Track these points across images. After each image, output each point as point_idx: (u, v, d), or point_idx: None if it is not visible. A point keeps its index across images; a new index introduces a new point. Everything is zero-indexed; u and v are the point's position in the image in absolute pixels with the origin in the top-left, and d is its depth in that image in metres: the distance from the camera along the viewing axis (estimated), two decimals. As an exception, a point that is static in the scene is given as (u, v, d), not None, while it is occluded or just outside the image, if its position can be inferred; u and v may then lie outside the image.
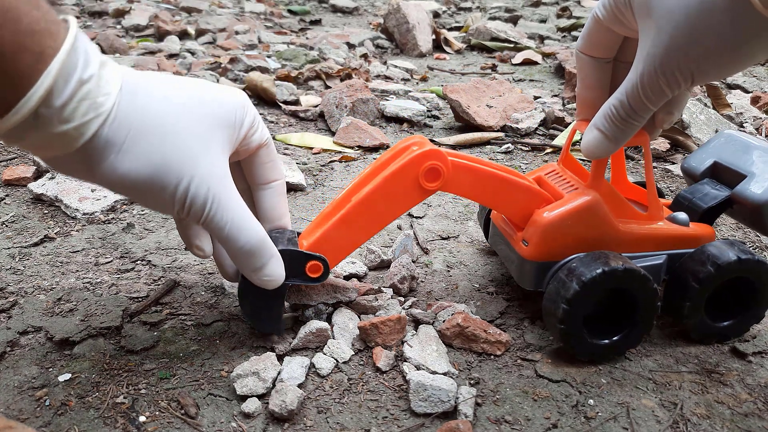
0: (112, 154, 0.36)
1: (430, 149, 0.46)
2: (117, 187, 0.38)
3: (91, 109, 0.35)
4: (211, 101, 0.41)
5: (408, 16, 1.77)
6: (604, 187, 0.49)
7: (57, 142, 0.35)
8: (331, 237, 0.47)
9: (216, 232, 0.41)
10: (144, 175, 0.37)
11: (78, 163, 0.37)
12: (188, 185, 0.38)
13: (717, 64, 0.38)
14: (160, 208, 0.40)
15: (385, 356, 0.46)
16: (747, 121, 1.10)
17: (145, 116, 0.37)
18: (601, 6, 0.44)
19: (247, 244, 0.41)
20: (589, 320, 0.46)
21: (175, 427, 0.41)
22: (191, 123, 0.39)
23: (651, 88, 0.40)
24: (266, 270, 0.43)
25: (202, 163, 0.39)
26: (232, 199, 0.40)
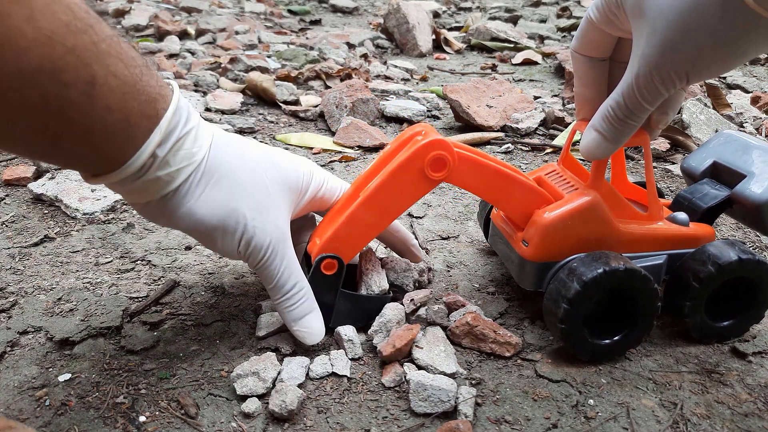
0: (192, 200, 0.42)
1: (435, 139, 0.46)
2: (190, 229, 0.43)
3: (185, 159, 0.40)
4: (282, 166, 0.47)
5: (408, 16, 1.77)
6: (604, 187, 0.49)
7: (151, 187, 0.40)
8: (342, 235, 0.47)
9: (266, 280, 0.46)
10: (216, 219, 0.42)
11: (161, 210, 0.42)
12: (253, 233, 0.43)
13: (711, 61, 0.38)
14: (224, 250, 0.44)
15: (393, 372, 0.45)
16: (747, 121, 1.10)
17: (226, 169, 0.43)
18: (594, 8, 0.44)
19: (291, 293, 0.46)
20: (590, 320, 0.46)
21: (175, 427, 0.41)
22: (263, 181, 0.45)
23: (647, 88, 0.40)
24: (305, 321, 0.46)
25: (267, 217, 0.44)
26: (288, 253, 0.45)
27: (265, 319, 0.50)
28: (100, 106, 0.35)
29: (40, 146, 0.36)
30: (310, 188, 0.49)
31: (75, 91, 0.33)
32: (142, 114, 0.37)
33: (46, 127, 0.34)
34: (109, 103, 0.35)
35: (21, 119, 0.33)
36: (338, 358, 0.47)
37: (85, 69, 0.33)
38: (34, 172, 0.78)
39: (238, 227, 0.43)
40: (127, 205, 0.73)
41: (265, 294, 0.56)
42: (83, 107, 0.34)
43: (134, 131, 0.37)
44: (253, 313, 0.53)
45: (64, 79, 0.32)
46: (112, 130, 0.36)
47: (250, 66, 1.36)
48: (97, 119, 0.35)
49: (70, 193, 0.72)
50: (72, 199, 0.71)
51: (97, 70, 0.34)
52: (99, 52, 0.34)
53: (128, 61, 0.36)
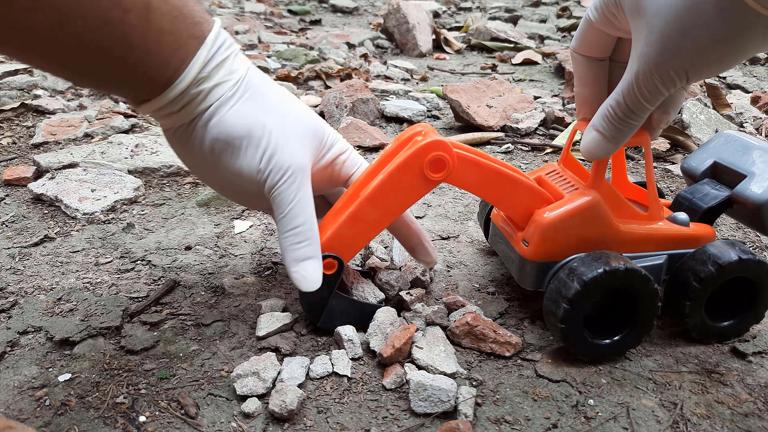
0: (224, 110, 0.44)
1: (434, 140, 0.46)
2: (217, 139, 0.44)
3: (226, 75, 0.43)
4: (312, 115, 0.49)
5: (408, 16, 1.77)
6: (604, 187, 0.49)
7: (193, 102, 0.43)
8: (341, 235, 0.47)
9: (278, 207, 0.45)
10: (244, 128, 0.44)
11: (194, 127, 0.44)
12: (276, 149, 0.44)
13: (710, 59, 0.38)
14: (245, 164, 0.45)
15: (394, 374, 0.45)
16: (747, 121, 1.10)
17: (262, 91, 0.45)
18: (593, 8, 0.44)
19: (299, 230, 0.45)
20: (590, 320, 0.46)
21: (175, 427, 0.41)
22: (294, 114, 0.47)
23: (647, 87, 0.40)
24: (306, 264, 0.46)
25: (293, 143, 0.45)
26: (305, 187, 0.45)
27: (265, 319, 0.50)
28: (155, 28, 0.38)
29: (104, 71, 0.39)
30: (334, 147, 0.50)
31: (134, 16, 0.37)
32: (190, 35, 0.41)
33: (111, 52, 0.38)
34: (163, 26, 0.39)
35: (88, 46, 0.37)
36: (338, 358, 0.47)
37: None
38: (34, 172, 0.78)
39: (263, 139, 0.44)
40: (127, 204, 0.73)
41: (265, 294, 0.56)
42: (142, 31, 0.38)
43: (183, 51, 0.41)
44: (253, 313, 0.53)
45: (124, 4, 0.36)
46: (167, 51, 0.40)
47: (250, 66, 1.35)
48: (153, 42, 0.39)
49: (70, 193, 0.72)
50: (72, 199, 0.71)
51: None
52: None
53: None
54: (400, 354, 0.46)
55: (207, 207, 0.73)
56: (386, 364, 0.46)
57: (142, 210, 0.72)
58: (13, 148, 0.89)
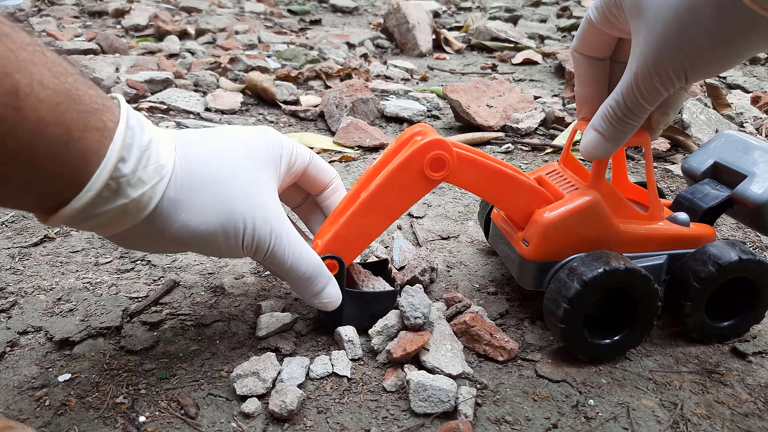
0: (182, 213, 0.39)
1: (434, 139, 0.46)
2: (190, 242, 0.40)
3: (156, 172, 0.37)
4: (250, 143, 0.44)
5: (408, 16, 1.77)
6: (604, 187, 0.49)
7: (129, 212, 0.37)
8: (342, 236, 0.47)
9: (278, 266, 0.44)
10: (214, 225, 0.40)
11: (147, 233, 0.39)
12: (254, 227, 0.41)
13: (709, 60, 0.38)
14: (229, 253, 0.43)
15: (395, 376, 0.45)
16: (747, 121, 1.10)
17: (201, 171, 0.40)
18: (593, 8, 0.44)
19: (307, 272, 0.44)
20: (590, 320, 0.46)
21: (175, 427, 0.40)
22: (242, 169, 0.42)
23: (646, 87, 0.40)
24: (325, 293, 0.46)
25: (261, 204, 0.42)
26: (291, 233, 0.44)
27: (265, 319, 0.50)
28: (32, 118, 0.31)
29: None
30: (282, 157, 0.46)
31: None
32: (87, 126, 0.34)
33: None
34: (42, 115, 0.31)
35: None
36: (338, 358, 0.47)
37: (4, 79, 0.30)
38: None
39: (238, 226, 0.41)
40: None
41: (265, 294, 0.56)
42: (13, 123, 0.30)
43: (83, 145, 0.33)
44: (253, 313, 0.53)
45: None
46: (55, 146, 0.32)
47: (250, 66, 1.36)
48: (34, 135, 0.31)
49: (70, 193, 0.72)
50: (72, 199, 0.71)
51: (19, 79, 0.30)
52: (19, 61, 0.30)
53: (57, 69, 0.33)
54: (407, 357, 0.46)
55: (207, 207, 0.73)
56: (393, 364, 0.46)
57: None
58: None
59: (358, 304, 0.49)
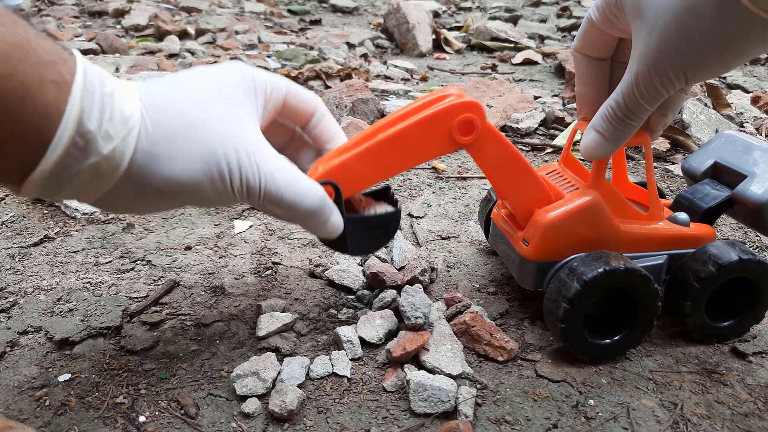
0: (161, 165, 0.36)
1: (470, 100, 0.44)
2: (178, 196, 0.37)
3: (123, 124, 0.34)
4: (221, 83, 0.40)
5: (408, 16, 1.77)
6: (604, 187, 0.49)
7: (104, 172, 0.34)
8: (350, 167, 0.44)
9: (277, 204, 0.40)
10: (197, 172, 0.37)
11: (130, 192, 0.36)
12: (239, 167, 0.37)
13: (709, 61, 0.38)
14: (222, 200, 0.39)
15: (395, 376, 0.45)
16: (747, 121, 1.10)
17: (173, 117, 0.37)
18: (594, 8, 0.44)
19: (311, 205, 0.41)
20: (590, 320, 0.46)
21: (175, 427, 0.40)
22: (216, 108, 0.38)
23: (646, 88, 0.40)
24: (330, 222, 0.42)
25: (243, 142, 0.38)
26: (282, 167, 0.40)
27: (265, 319, 0.50)
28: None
29: None
30: (257, 88, 0.42)
31: None
32: (43, 80, 0.31)
33: None
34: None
35: None
36: (338, 358, 0.47)
37: None
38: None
39: (222, 169, 0.37)
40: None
41: (265, 294, 0.56)
42: None
43: (41, 100, 0.31)
44: (253, 313, 0.53)
45: None
46: (11, 102, 0.30)
47: (250, 66, 1.35)
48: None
49: (70, 193, 0.72)
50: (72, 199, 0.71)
51: None
52: None
53: (5, 20, 0.31)
54: (407, 357, 0.46)
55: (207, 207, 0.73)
56: (392, 364, 0.46)
57: (142, 210, 0.72)
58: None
59: (361, 230, 0.45)
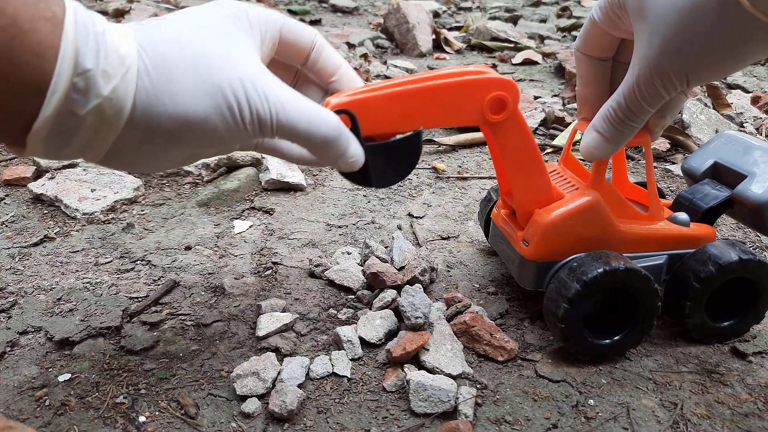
0: (166, 104, 0.34)
1: (509, 80, 0.43)
2: (189, 138, 0.35)
3: (120, 62, 0.32)
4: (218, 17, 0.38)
5: (408, 16, 1.77)
6: (604, 187, 0.49)
7: (108, 117, 0.32)
8: (370, 105, 0.42)
9: (292, 136, 0.38)
10: (205, 108, 0.35)
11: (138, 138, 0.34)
12: (247, 99, 0.36)
13: (710, 64, 0.38)
14: (235, 138, 0.37)
15: (395, 376, 0.45)
16: (747, 121, 1.10)
17: (172, 52, 0.35)
18: (597, 8, 0.44)
19: (327, 134, 0.38)
20: (590, 320, 0.46)
21: (175, 427, 0.40)
22: (217, 40, 0.37)
23: (647, 90, 0.40)
24: (349, 152, 0.40)
25: (250, 73, 0.36)
26: (293, 96, 0.38)
27: (265, 319, 0.50)
28: None
29: None
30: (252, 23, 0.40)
31: None
32: (35, 16, 0.30)
33: None
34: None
35: None
36: (338, 358, 0.47)
37: None
38: (34, 172, 0.78)
39: (230, 102, 0.35)
40: (126, 204, 0.73)
41: (265, 294, 0.56)
42: None
43: (35, 38, 0.30)
44: (253, 313, 0.53)
45: None
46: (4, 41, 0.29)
47: (250, 66, 1.35)
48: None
49: (70, 193, 0.72)
50: (72, 199, 0.71)
51: None
52: None
53: None
54: (407, 357, 0.46)
55: (207, 207, 0.73)
56: (392, 364, 0.46)
57: (142, 210, 0.72)
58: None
59: (383, 159, 0.43)
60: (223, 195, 0.75)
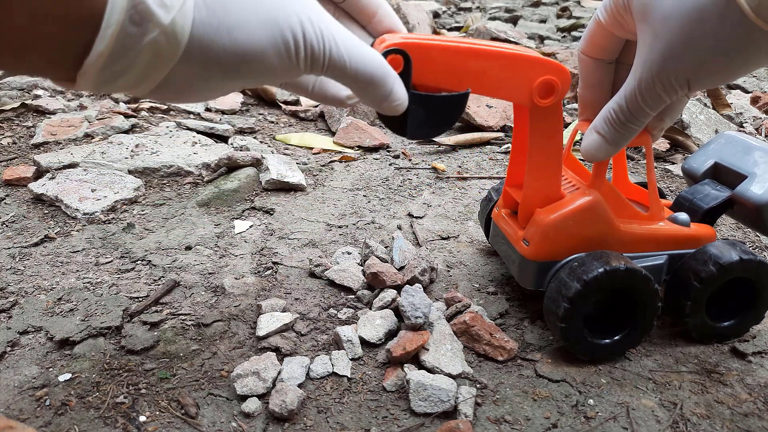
0: (223, 37, 0.33)
1: (564, 67, 0.43)
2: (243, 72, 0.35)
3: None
4: None
5: (408, 16, 1.77)
6: (605, 187, 0.49)
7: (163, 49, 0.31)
8: (429, 54, 0.41)
9: (339, 74, 0.38)
10: (262, 42, 0.34)
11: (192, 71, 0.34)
12: (303, 34, 0.35)
13: (712, 71, 0.38)
14: (286, 72, 0.37)
15: (395, 376, 0.45)
16: (747, 121, 1.10)
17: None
18: (602, 9, 0.44)
19: (374, 73, 0.38)
20: (590, 319, 0.46)
21: (175, 427, 0.41)
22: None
23: (649, 94, 0.40)
24: (394, 94, 0.39)
25: (304, 7, 0.36)
26: (344, 33, 0.37)
27: (265, 319, 0.50)
28: None
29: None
30: None
31: None
32: None
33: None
34: None
35: None
36: (338, 358, 0.47)
37: None
38: (34, 172, 0.78)
39: (287, 36, 0.35)
40: (127, 204, 0.73)
41: (265, 294, 0.56)
42: None
43: None
44: (253, 313, 0.53)
45: None
46: None
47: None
48: None
49: (71, 193, 0.72)
50: (72, 199, 0.71)
51: None
52: None
53: None
54: (407, 356, 0.46)
55: (207, 207, 0.73)
56: (392, 364, 0.46)
57: (142, 210, 0.72)
58: (14, 148, 0.88)
59: (426, 110, 0.42)
60: (223, 195, 0.75)
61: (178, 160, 0.82)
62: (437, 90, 0.43)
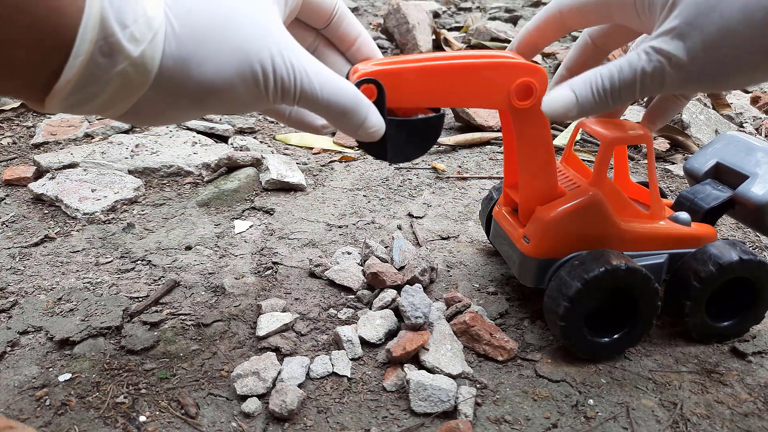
0: (193, 69, 0.34)
1: (540, 67, 0.43)
2: (211, 102, 0.36)
3: (147, 26, 0.31)
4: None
5: (408, 16, 1.77)
6: (606, 185, 0.49)
7: (132, 79, 0.32)
8: (398, 77, 0.41)
9: (312, 103, 0.38)
10: (230, 74, 0.35)
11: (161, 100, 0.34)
12: (273, 67, 0.36)
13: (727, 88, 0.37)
14: (256, 103, 0.38)
15: (395, 376, 0.45)
16: (747, 121, 1.10)
17: (200, 17, 0.34)
18: None
19: (346, 104, 0.39)
20: (590, 318, 0.46)
21: (175, 427, 0.41)
22: (242, 6, 0.36)
23: (649, 89, 0.39)
24: (369, 121, 0.40)
25: (276, 41, 0.36)
26: (315, 65, 0.38)
27: (265, 319, 0.50)
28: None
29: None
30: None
31: None
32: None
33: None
34: None
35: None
36: (338, 358, 0.47)
37: None
38: (34, 172, 0.78)
39: (256, 69, 0.35)
40: (127, 204, 0.73)
41: (265, 294, 0.56)
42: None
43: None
44: (253, 313, 0.53)
45: None
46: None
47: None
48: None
49: (71, 193, 0.72)
50: (72, 199, 0.71)
51: None
52: None
53: None
54: (407, 356, 0.46)
55: (207, 207, 0.73)
56: (392, 364, 0.46)
57: (142, 210, 0.72)
58: (14, 148, 0.88)
59: (404, 135, 0.43)
60: (223, 195, 0.75)
61: (178, 160, 0.82)
62: (417, 110, 0.44)
